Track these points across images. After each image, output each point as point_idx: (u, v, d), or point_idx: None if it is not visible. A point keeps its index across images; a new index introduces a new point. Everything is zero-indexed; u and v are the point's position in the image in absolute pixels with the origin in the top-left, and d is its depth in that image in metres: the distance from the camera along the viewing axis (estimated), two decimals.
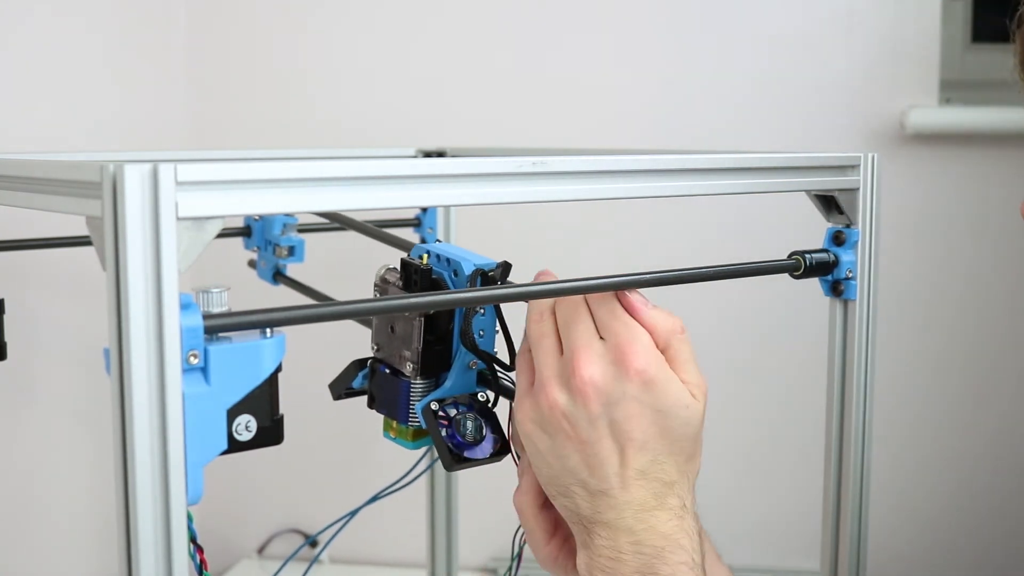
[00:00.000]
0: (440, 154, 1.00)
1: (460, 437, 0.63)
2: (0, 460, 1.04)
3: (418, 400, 0.64)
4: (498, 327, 0.64)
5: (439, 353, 0.64)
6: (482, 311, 0.63)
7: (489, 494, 1.34)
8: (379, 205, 0.49)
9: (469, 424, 0.63)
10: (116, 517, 0.43)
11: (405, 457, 0.69)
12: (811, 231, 0.71)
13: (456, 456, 0.62)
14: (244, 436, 0.52)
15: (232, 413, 0.51)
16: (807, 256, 0.64)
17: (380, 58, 1.35)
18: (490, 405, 0.65)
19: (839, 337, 0.66)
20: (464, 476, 1.03)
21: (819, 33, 1.29)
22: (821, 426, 0.69)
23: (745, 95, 1.31)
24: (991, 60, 1.40)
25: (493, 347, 0.64)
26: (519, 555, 0.66)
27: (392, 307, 0.55)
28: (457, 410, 0.64)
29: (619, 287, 0.59)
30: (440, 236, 1.00)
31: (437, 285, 0.64)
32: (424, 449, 0.68)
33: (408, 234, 0.99)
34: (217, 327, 0.46)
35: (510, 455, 0.64)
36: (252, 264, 0.97)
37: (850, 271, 0.65)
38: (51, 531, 1.13)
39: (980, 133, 1.28)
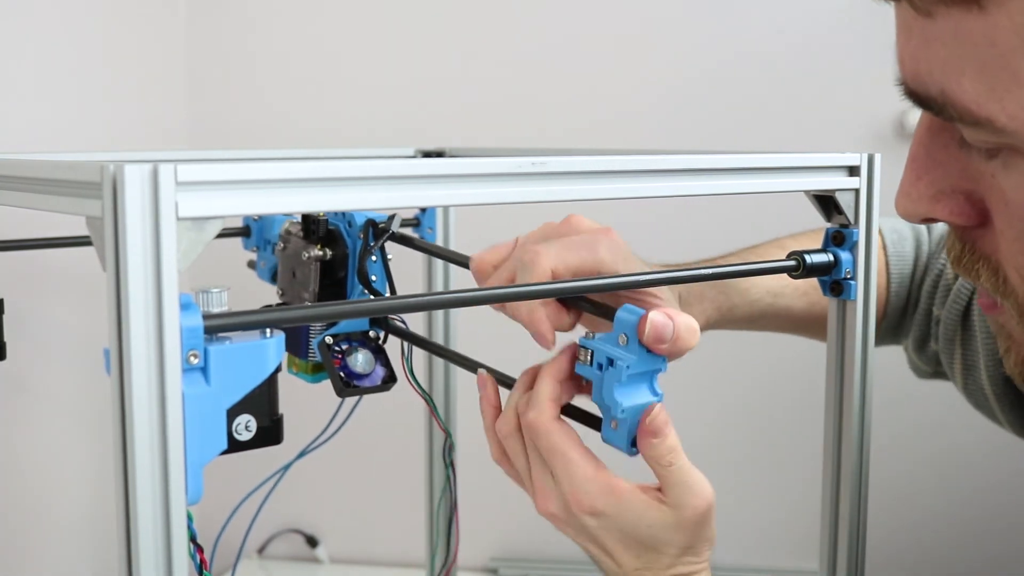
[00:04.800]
0: (439, 154, 1.00)
1: (351, 368, 0.70)
2: None
3: (315, 337, 0.72)
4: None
5: (334, 295, 0.73)
6: (374, 258, 0.71)
7: (489, 495, 1.34)
8: (378, 205, 0.49)
9: (360, 357, 0.71)
10: (116, 517, 0.43)
11: (405, 457, 0.69)
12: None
13: (346, 383, 0.70)
14: (244, 436, 0.53)
15: (232, 413, 0.51)
16: (806, 256, 0.64)
17: (379, 58, 1.35)
18: (381, 342, 0.72)
19: (837, 337, 0.66)
20: (464, 477, 1.03)
21: (819, 33, 1.29)
22: (820, 426, 0.69)
23: (744, 95, 1.31)
24: None
25: (386, 291, 0.72)
26: None
27: (388, 307, 0.55)
28: (350, 345, 0.71)
29: (618, 287, 0.59)
30: (439, 236, 1.00)
31: (333, 235, 0.73)
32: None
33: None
34: (217, 327, 0.46)
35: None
36: (251, 264, 0.97)
37: (849, 271, 0.65)
38: (51, 531, 1.13)
39: None
